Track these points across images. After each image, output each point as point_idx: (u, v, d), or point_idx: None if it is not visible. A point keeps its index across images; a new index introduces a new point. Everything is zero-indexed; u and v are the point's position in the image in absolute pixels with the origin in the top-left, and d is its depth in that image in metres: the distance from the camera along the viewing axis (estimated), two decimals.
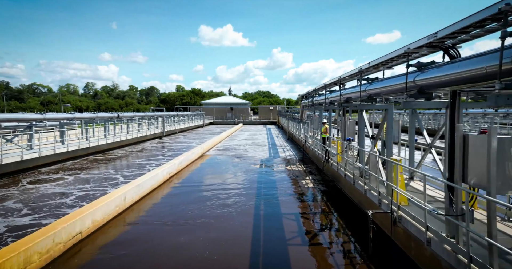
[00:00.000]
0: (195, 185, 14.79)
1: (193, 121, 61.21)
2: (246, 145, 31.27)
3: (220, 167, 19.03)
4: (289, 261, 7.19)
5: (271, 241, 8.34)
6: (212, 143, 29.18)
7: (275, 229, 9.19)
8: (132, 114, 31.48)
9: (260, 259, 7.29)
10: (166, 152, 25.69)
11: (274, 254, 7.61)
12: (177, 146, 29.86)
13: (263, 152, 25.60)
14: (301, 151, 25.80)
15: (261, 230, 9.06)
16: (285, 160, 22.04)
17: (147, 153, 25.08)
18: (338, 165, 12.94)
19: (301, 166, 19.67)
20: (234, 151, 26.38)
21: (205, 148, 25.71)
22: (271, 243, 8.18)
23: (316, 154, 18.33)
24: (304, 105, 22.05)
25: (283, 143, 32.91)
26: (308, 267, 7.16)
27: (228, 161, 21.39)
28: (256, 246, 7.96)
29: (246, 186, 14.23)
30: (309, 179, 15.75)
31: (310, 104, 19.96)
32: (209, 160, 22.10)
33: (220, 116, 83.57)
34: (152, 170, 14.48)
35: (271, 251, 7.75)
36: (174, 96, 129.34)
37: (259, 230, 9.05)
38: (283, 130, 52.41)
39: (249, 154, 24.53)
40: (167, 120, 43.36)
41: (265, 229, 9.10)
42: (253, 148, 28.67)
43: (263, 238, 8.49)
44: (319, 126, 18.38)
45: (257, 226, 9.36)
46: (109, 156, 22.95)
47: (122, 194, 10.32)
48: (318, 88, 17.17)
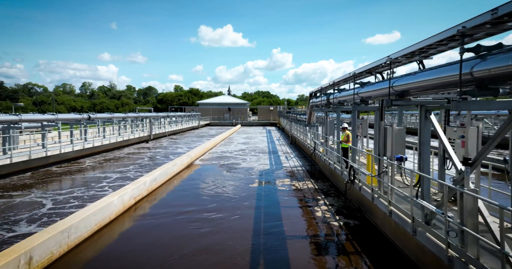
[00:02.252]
0: (167, 215, 10.52)
1: (188, 122, 56.92)
2: (243, 151, 27.01)
3: (208, 185, 14.77)
4: None
5: None
6: (203, 150, 24.93)
7: None
8: (110, 115, 27.15)
9: None
10: (146, 161, 21.41)
11: None
12: (162, 153, 25.58)
13: (263, 161, 21.34)
14: (308, 161, 21.55)
15: None
16: (290, 172, 17.80)
17: (122, 162, 20.81)
18: (374, 193, 8.73)
19: (310, 182, 15.44)
20: (228, 160, 22.12)
21: (194, 156, 21.46)
22: None
23: (331, 168, 14.09)
24: (315, 104, 17.85)
25: (285, 149, 28.66)
26: None
27: (219, 175, 17.13)
28: None
29: (239, 222, 9.97)
30: (325, 206, 11.49)
31: (323, 103, 15.72)
32: (195, 173, 17.84)
33: (217, 117, 79.29)
34: (105, 197, 10.18)
35: None
36: (172, 96, 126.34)
37: None
38: (285, 132, 48.14)
39: (245, 164, 20.27)
40: (156, 121, 39.04)
41: None
42: (251, 155, 24.41)
43: None
44: (337, 131, 14.17)
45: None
46: (70, 168, 18.65)
47: (17, 257, 5.98)
48: (338, 81, 12.89)
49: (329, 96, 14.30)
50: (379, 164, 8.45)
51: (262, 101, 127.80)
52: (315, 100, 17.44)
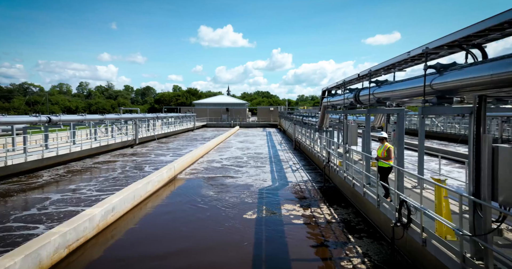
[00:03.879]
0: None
1: (182, 124, 52.95)
2: (239, 160, 23.03)
3: (187, 216, 10.82)
4: None
5: None
6: (192, 158, 20.96)
7: None
8: (80, 118, 23.02)
9: None
10: (115, 175, 17.44)
11: None
12: (141, 162, 21.59)
13: (263, 175, 17.36)
14: (318, 173, 17.61)
15: None
16: (297, 192, 13.86)
17: (85, 176, 16.87)
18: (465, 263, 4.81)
19: (326, 206, 11.52)
20: (220, 172, 18.16)
21: (178, 168, 17.50)
22: None
23: (357, 191, 10.15)
24: (331, 104, 13.80)
25: (289, 156, 24.69)
26: None
27: (206, 198, 13.16)
28: None
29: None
30: (358, 258, 7.53)
31: (348, 101, 11.70)
32: (175, 195, 13.87)
33: (214, 118, 75.27)
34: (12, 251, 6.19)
35: None
36: (169, 96, 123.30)
37: None
38: (286, 135, 44.20)
39: (242, 179, 16.31)
40: (143, 124, 35.04)
41: None
42: (249, 166, 20.43)
43: None
44: (365, 140, 10.21)
45: None
46: (13, 185, 14.67)
47: None
48: (378, 69, 8.78)
49: (359, 92, 10.28)
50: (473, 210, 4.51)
51: (261, 101, 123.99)
52: (332, 99, 13.44)
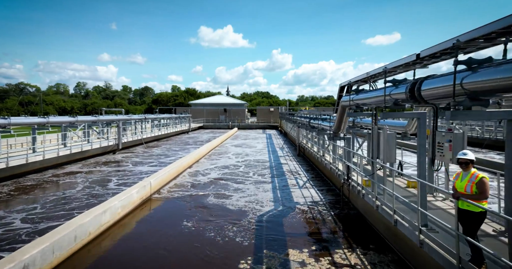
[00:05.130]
0: None
1: (176, 125, 49.28)
2: (235, 169, 19.36)
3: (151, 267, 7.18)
4: None
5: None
6: (178, 169, 17.31)
7: None
8: (40, 120, 19.18)
9: None
10: (72, 194, 13.77)
11: None
12: (112, 175, 17.91)
13: (263, 194, 13.67)
14: (333, 191, 13.94)
15: None
16: (309, 222, 10.19)
17: (30, 196, 13.18)
18: None
19: (352, 249, 7.85)
20: (209, 189, 14.48)
21: (156, 184, 13.85)
22: None
23: (408, 240, 6.48)
24: (356, 103, 9.96)
25: (294, 166, 21.03)
26: None
27: (183, 232, 9.49)
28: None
29: None
30: None
31: (391, 100, 7.97)
32: (142, 227, 10.19)
33: (211, 118, 71.58)
34: None
35: None
36: (167, 96, 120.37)
37: None
38: (288, 138, 40.54)
39: (235, 202, 12.62)
40: (128, 126, 31.34)
41: None
42: (246, 179, 16.76)
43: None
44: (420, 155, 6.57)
45: None
46: None
47: None
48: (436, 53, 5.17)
49: (421, 83, 6.48)
50: None
51: (261, 102, 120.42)
52: (358, 96, 9.68)
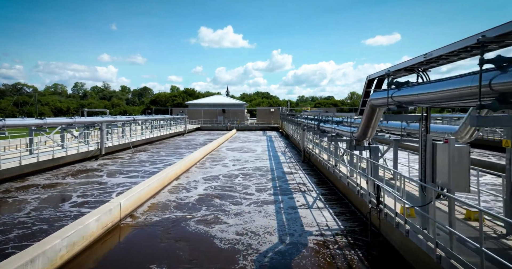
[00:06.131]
0: None
1: (171, 127, 46.24)
2: (230, 182, 16.35)
3: None
4: None
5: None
6: (158, 184, 14.28)
7: None
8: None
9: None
10: (13, 220, 10.75)
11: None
12: (76, 190, 14.90)
13: (263, 220, 10.63)
14: (352, 214, 10.91)
15: None
16: (330, 266, 7.17)
17: None
18: None
19: None
20: (195, 212, 11.46)
21: (129, 205, 10.84)
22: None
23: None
24: (397, 102, 6.86)
25: (300, 177, 18.01)
26: None
27: None
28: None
29: None
30: None
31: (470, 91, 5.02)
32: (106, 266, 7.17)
33: (209, 119, 68.52)
34: None
35: None
36: (166, 96, 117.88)
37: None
38: (291, 141, 37.50)
39: (226, 235, 9.61)
40: (115, 129, 28.28)
41: None
42: (242, 197, 13.75)
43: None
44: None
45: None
46: None
47: None
48: None
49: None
50: None
51: (261, 102, 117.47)
52: (398, 92, 6.52)
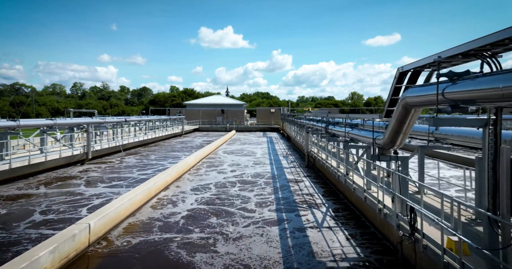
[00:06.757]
0: None
1: (167, 128, 44.29)
2: (225, 193, 14.37)
3: None
4: None
5: None
6: (146, 194, 12.32)
7: None
8: None
9: None
10: None
11: None
12: (34, 210, 12.93)
13: (265, 248, 8.63)
14: (373, 235, 8.92)
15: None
16: None
17: None
18: None
19: None
20: (181, 235, 9.49)
21: (100, 226, 8.88)
22: None
23: None
24: (450, 100, 4.89)
25: (305, 184, 16.04)
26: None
27: None
28: None
29: None
30: None
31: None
32: None
33: (208, 120, 66.58)
34: None
35: None
36: (165, 97, 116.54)
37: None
38: (292, 143, 35.53)
39: (210, 266, 7.65)
40: (103, 131, 26.31)
41: None
42: (238, 215, 11.78)
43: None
44: None
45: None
46: None
47: None
48: None
49: None
50: None
51: (261, 103, 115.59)
52: (453, 88, 4.60)
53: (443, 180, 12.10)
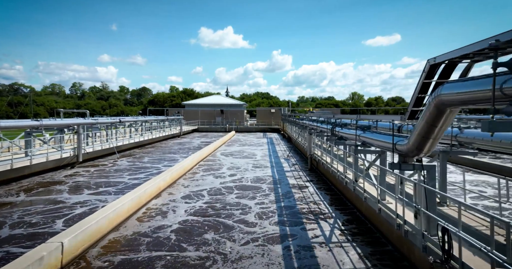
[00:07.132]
0: None
1: (165, 129, 43.09)
2: (222, 202, 13.15)
3: None
4: None
5: None
6: (136, 203, 11.10)
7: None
8: None
9: None
10: None
11: None
12: (11, 219, 11.70)
13: (264, 268, 7.48)
14: (391, 254, 7.68)
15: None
16: None
17: None
18: None
19: None
20: (170, 250, 8.24)
21: (77, 244, 7.66)
22: None
23: None
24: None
25: (310, 191, 14.83)
26: None
27: None
28: None
29: None
30: None
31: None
32: None
33: (207, 121, 65.36)
34: None
35: None
36: (164, 97, 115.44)
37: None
38: (293, 145, 34.30)
39: None
40: (96, 132, 25.08)
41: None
42: (235, 229, 10.57)
43: None
44: None
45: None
46: None
47: None
48: None
49: None
50: None
51: (261, 103, 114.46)
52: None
53: (474, 192, 10.77)
